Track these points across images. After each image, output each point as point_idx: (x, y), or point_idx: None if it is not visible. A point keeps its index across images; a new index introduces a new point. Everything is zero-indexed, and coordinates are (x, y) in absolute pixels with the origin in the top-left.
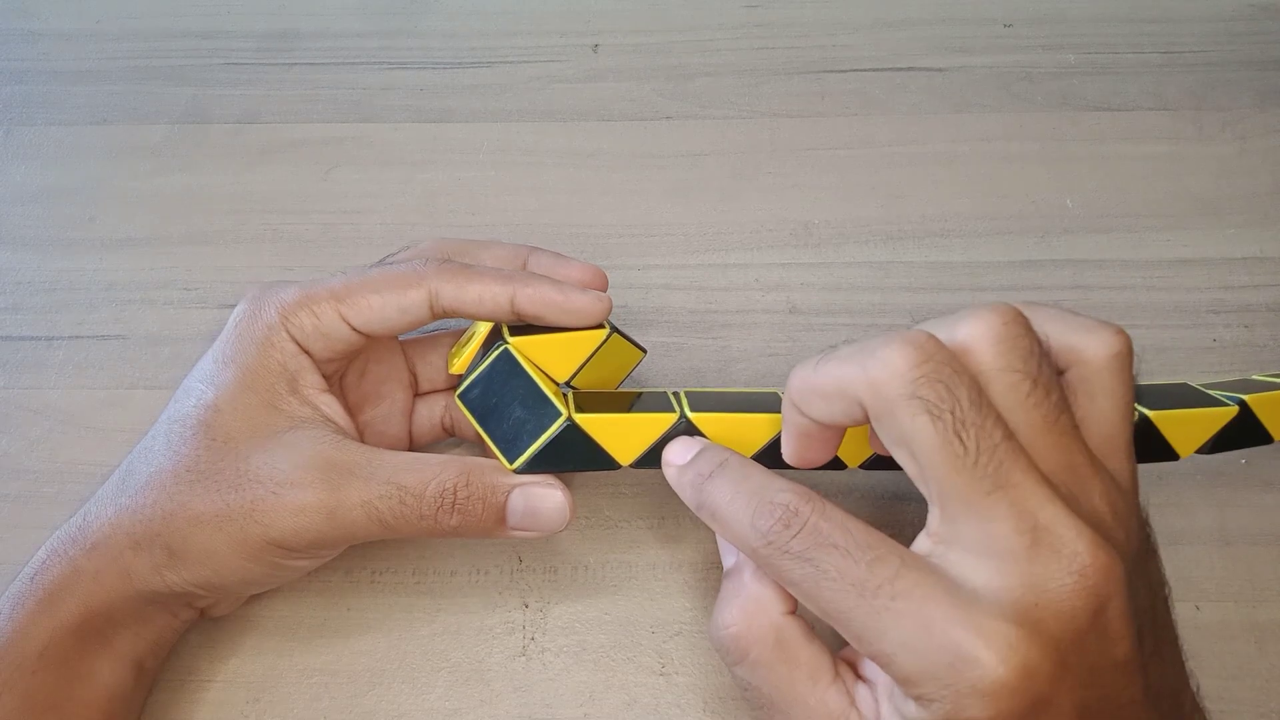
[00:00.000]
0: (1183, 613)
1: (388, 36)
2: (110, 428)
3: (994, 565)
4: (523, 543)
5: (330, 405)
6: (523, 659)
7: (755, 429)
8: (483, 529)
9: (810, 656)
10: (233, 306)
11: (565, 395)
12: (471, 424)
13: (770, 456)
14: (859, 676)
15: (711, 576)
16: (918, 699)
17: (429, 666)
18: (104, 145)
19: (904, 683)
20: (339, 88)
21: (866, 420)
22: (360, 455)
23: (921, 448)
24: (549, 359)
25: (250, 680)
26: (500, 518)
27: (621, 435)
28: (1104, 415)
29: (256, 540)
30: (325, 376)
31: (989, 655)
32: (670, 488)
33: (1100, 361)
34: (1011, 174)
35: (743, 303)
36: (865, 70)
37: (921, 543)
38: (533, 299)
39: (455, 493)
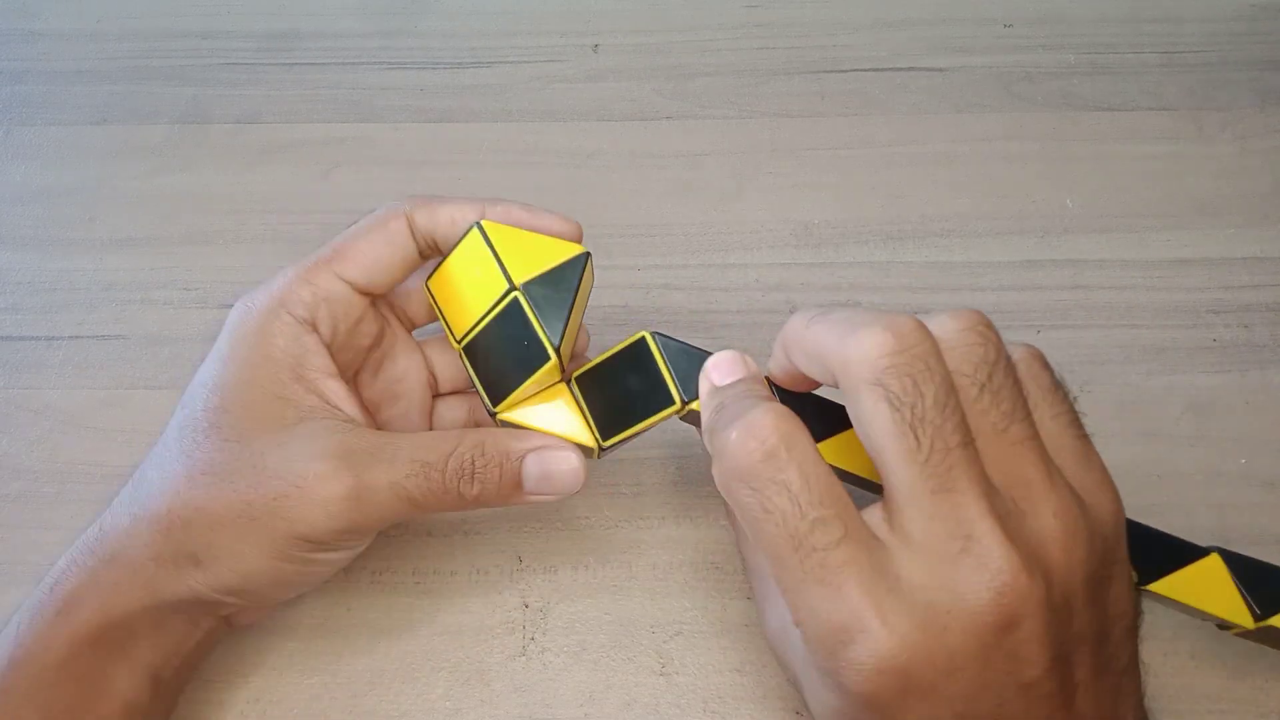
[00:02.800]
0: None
1: (388, 36)
2: (110, 428)
3: (922, 561)
4: (523, 542)
5: (337, 392)
6: (523, 659)
7: None
8: (502, 495)
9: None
10: (232, 307)
11: (569, 381)
12: (467, 370)
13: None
14: None
15: (711, 576)
16: (811, 654)
17: (429, 666)
18: (104, 145)
19: (804, 637)
20: (339, 88)
21: (835, 385)
22: (378, 439)
23: (875, 433)
24: (517, 252)
25: (250, 680)
26: (517, 483)
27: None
28: (1043, 424)
29: (283, 536)
30: (340, 366)
31: (882, 633)
32: (668, 488)
33: (1022, 372)
34: (1011, 174)
35: (743, 303)
36: (865, 70)
37: (875, 512)
38: (502, 215)
39: (473, 462)
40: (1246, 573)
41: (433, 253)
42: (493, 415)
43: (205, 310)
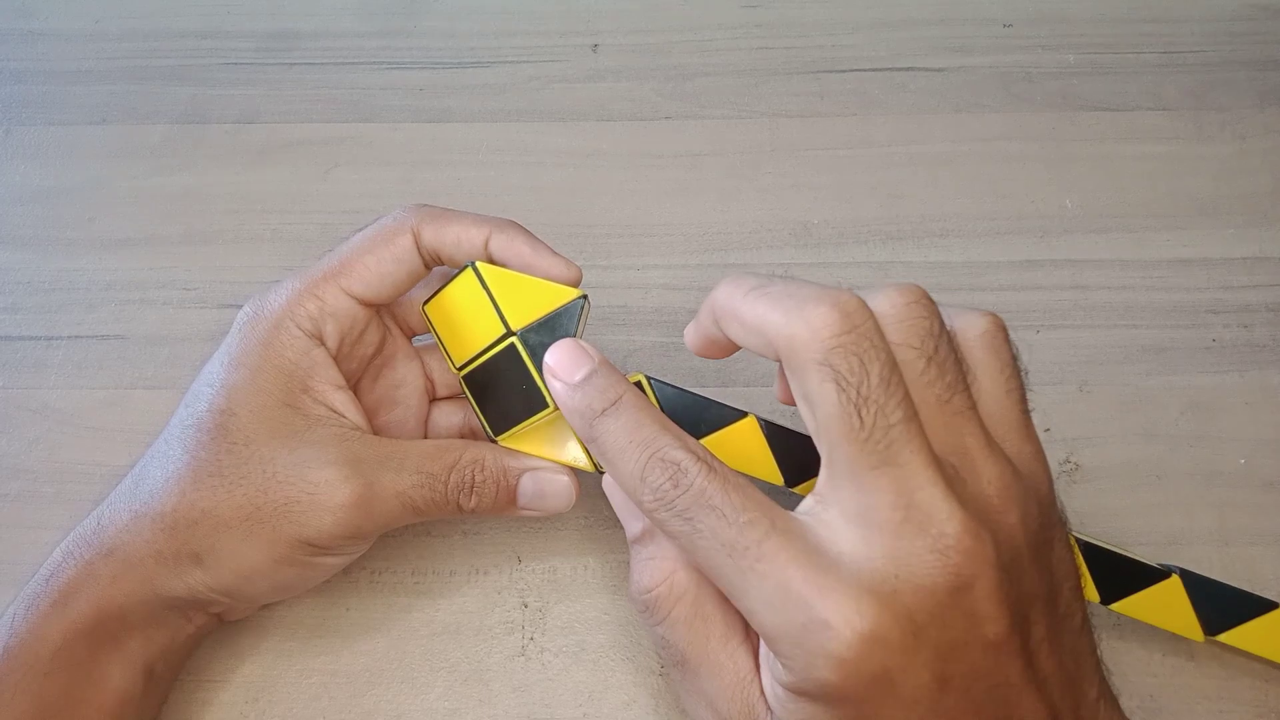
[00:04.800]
0: None
1: (387, 36)
2: (109, 428)
3: (863, 534)
4: (523, 542)
5: (344, 402)
6: (522, 659)
7: (749, 448)
8: (497, 508)
9: (724, 616)
10: (232, 306)
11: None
12: (467, 397)
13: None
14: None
15: None
16: (779, 658)
17: (428, 666)
18: (103, 145)
19: (766, 640)
20: (338, 88)
21: (776, 359)
22: (385, 447)
23: (821, 412)
24: (514, 296)
25: (250, 680)
26: (511, 499)
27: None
28: (987, 393)
29: (287, 540)
30: (344, 375)
31: (837, 620)
32: None
33: (972, 340)
34: (1011, 174)
35: None
36: (865, 70)
37: (807, 500)
38: (505, 246)
39: (473, 476)
40: (1203, 593)
41: (438, 264)
42: (493, 441)
43: (205, 310)
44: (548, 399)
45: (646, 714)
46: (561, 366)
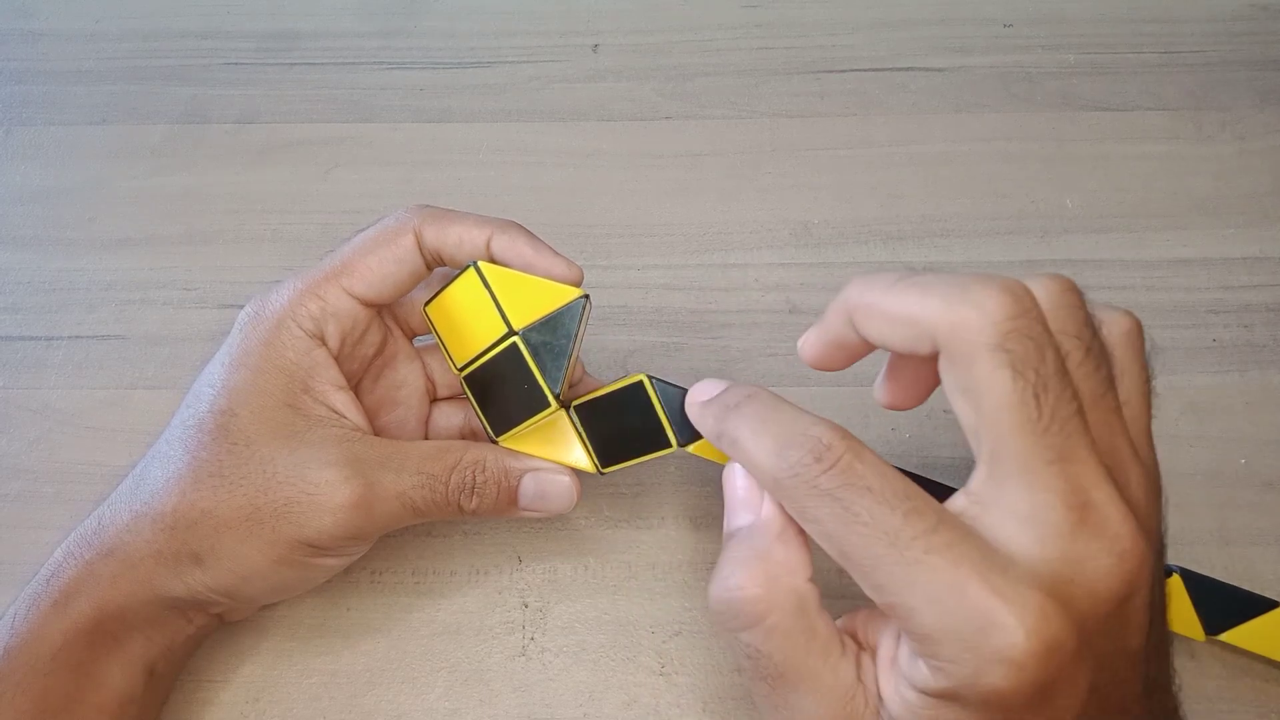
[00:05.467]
0: None
1: (387, 36)
2: (109, 428)
3: (1035, 534)
4: (523, 542)
5: (345, 403)
6: (522, 659)
7: None
8: (498, 510)
9: (826, 626)
10: (232, 306)
11: (567, 406)
12: (468, 397)
13: None
14: (860, 647)
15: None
16: (933, 660)
17: (429, 666)
18: (103, 145)
19: (922, 640)
20: (338, 88)
21: (926, 354)
22: (386, 448)
23: (992, 402)
24: (515, 295)
25: (250, 680)
26: (513, 499)
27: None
28: (1126, 395)
29: (287, 541)
30: (345, 375)
31: (1019, 624)
32: (668, 488)
33: (1116, 338)
34: (1011, 174)
35: (743, 303)
36: (865, 70)
37: (957, 500)
38: (507, 246)
39: (474, 478)
40: (1203, 592)
41: (439, 265)
42: (494, 440)
43: (205, 310)
44: (549, 398)
45: (646, 714)
46: (700, 391)
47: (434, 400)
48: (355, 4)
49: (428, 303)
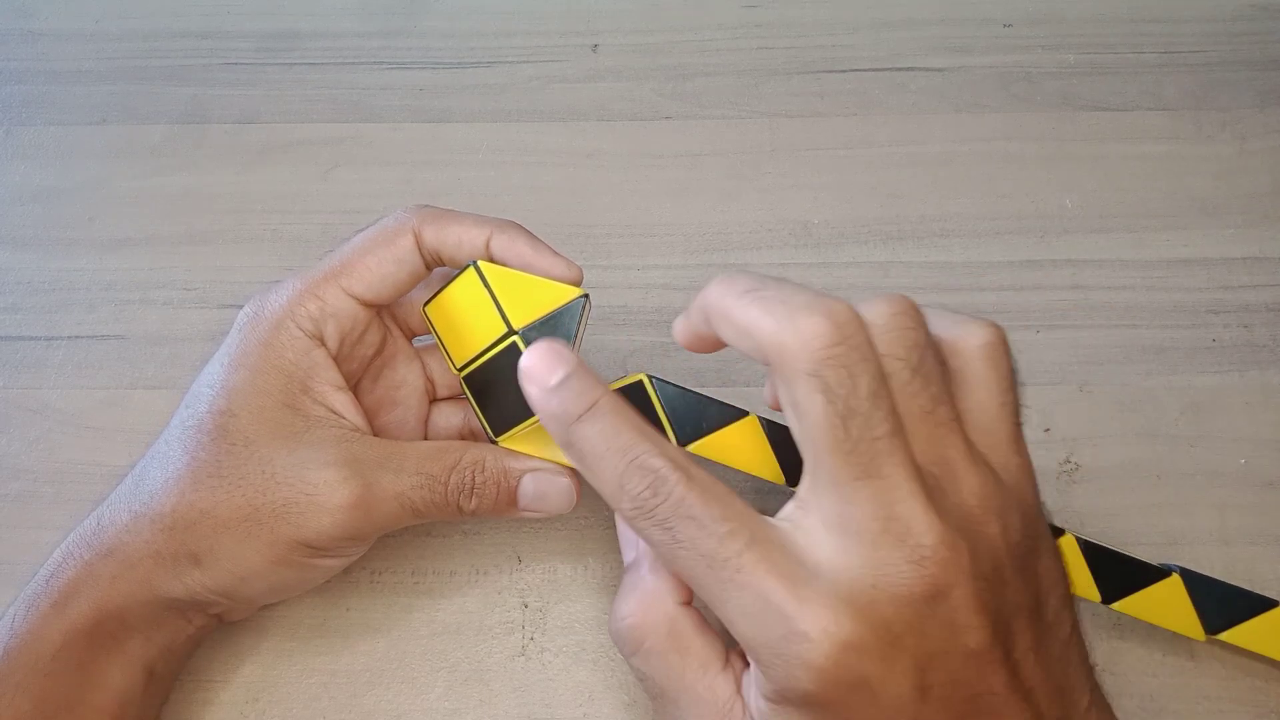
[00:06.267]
0: None
1: (387, 36)
2: (109, 428)
3: (841, 543)
4: (523, 542)
5: (344, 403)
6: (522, 659)
7: (751, 447)
8: (497, 510)
9: (702, 646)
10: (232, 306)
11: None
12: (467, 398)
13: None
14: (746, 664)
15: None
16: (759, 666)
17: (429, 666)
18: (104, 145)
19: (746, 650)
20: (339, 88)
21: (765, 363)
22: (385, 449)
23: (807, 422)
24: (515, 295)
25: (250, 680)
26: (512, 500)
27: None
28: (981, 405)
29: (286, 541)
30: (345, 376)
31: (815, 630)
32: None
33: (971, 351)
34: (1011, 174)
35: None
36: (865, 70)
37: (788, 505)
38: (507, 246)
39: (473, 478)
40: (1203, 592)
41: (439, 265)
42: (493, 441)
43: (205, 310)
44: None
45: (646, 714)
46: (537, 370)
47: (433, 400)
48: (355, 4)
49: (427, 303)
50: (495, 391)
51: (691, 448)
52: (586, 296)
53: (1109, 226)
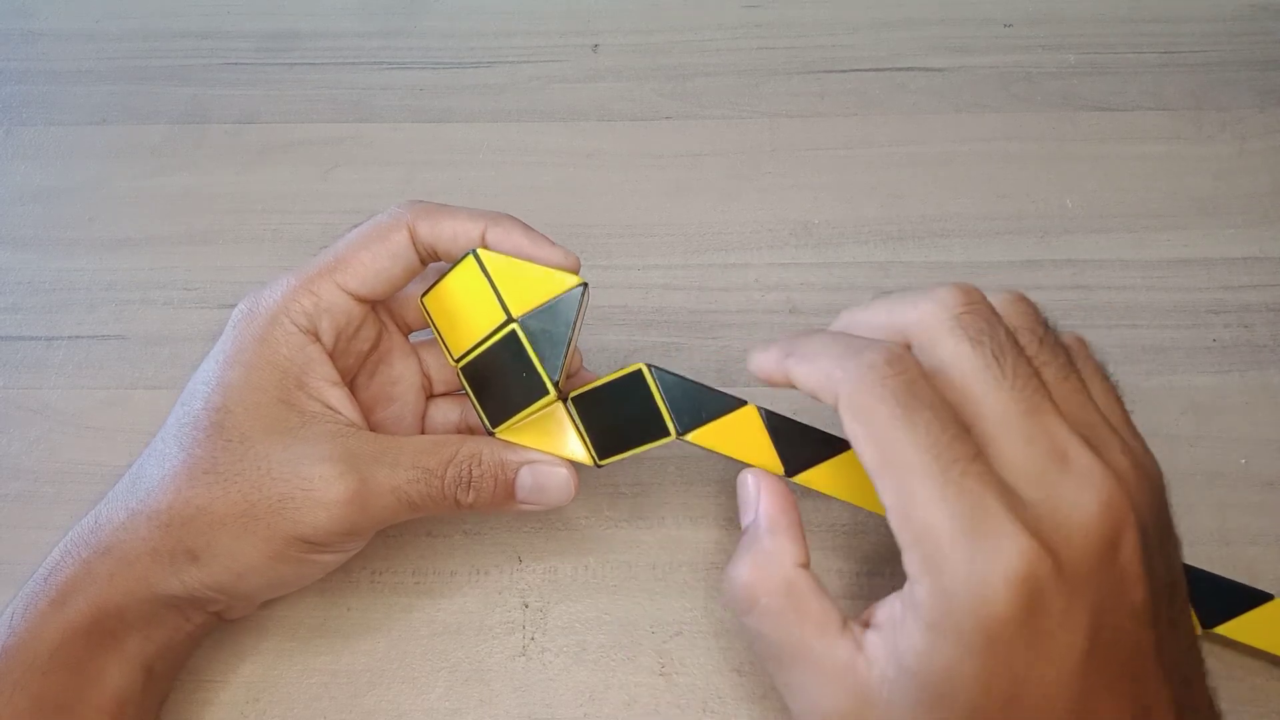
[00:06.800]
0: None
1: (387, 36)
2: (110, 428)
3: (1030, 481)
4: (523, 542)
5: (340, 399)
6: (523, 659)
7: (750, 436)
8: (495, 504)
9: (820, 608)
10: (232, 306)
11: (565, 398)
12: (465, 389)
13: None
14: (867, 626)
15: (711, 577)
16: (937, 577)
17: (429, 666)
18: (104, 145)
19: (930, 556)
20: (339, 88)
21: (906, 341)
22: (380, 443)
23: (961, 371)
24: (514, 282)
25: (250, 680)
26: (510, 493)
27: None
28: (1096, 388)
29: (283, 537)
30: (340, 371)
31: (1018, 549)
32: (669, 488)
33: (1069, 341)
34: (1011, 174)
35: (743, 303)
36: (865, 70)
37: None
38: (502, 238)
39: (470, 471)
40: (1200, 586)
41: (433, 260)
42: (490, 433)
43: (205, 310)
44: (548, 385)
45: (647, 714)
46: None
47: (430, 396)
48: (355, 4)
49: (425, 294)
50: (493, 381)
51: (690, 436)
52: (585, 285)
53: (1109, 226)
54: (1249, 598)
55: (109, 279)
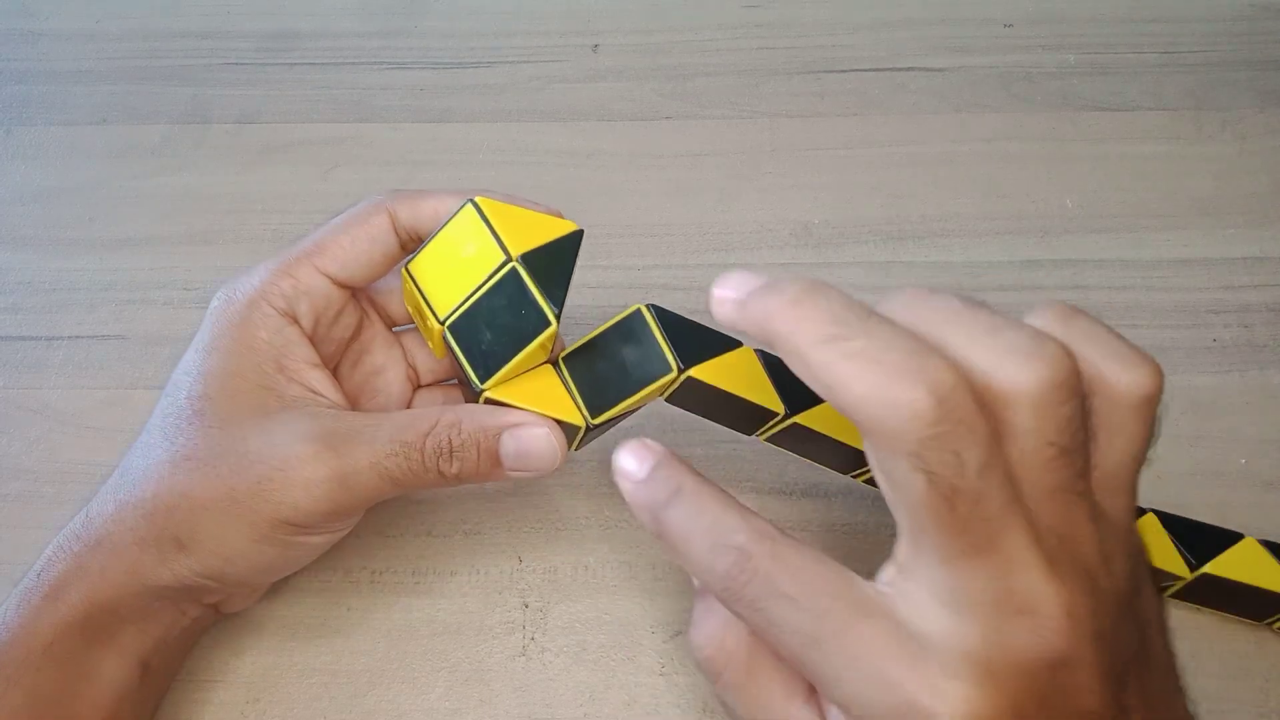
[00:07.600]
0: (1184, 612)
1: (387, 36)
2: (110, 428)
3: (955, 616)
4: (523, 542)
5: (321, 381)
6: (523, 659)
7: (750, 374)
8: (481, 473)
9: (784, 675)
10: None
11: (555, 362)
12: (452, 350)
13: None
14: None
15: None
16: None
17: (429, 666)
18: (104, 145)
19: None
20: (339, 88)
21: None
22: (359, 420)
23: (907, 497)
24: (513, 227)
25: (250, 680)
26: (495, 460)
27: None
28: (1118, 455)
29: (267, 520)
30: (322, 358)
31: (940, 707)
32: None
33: (1128, 401)
34: (1011, 174)
35: None
36: (865, 70)
37: (887, 570)
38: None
39: (450, 440)
40: (1180, 529)
41: (415, 245)
42: (478, 394)
43: (205, 310)
44: (549, 315)
45: (647, 714)
46: (630, 466)
47: (417, 388)
48: (355, 4)
49: (408, 262)
50: (487, 328)
51: (692, 371)
52: (582, 232)
53: (1109, 226)
54: (1224, 538)
55: (109, 279)
